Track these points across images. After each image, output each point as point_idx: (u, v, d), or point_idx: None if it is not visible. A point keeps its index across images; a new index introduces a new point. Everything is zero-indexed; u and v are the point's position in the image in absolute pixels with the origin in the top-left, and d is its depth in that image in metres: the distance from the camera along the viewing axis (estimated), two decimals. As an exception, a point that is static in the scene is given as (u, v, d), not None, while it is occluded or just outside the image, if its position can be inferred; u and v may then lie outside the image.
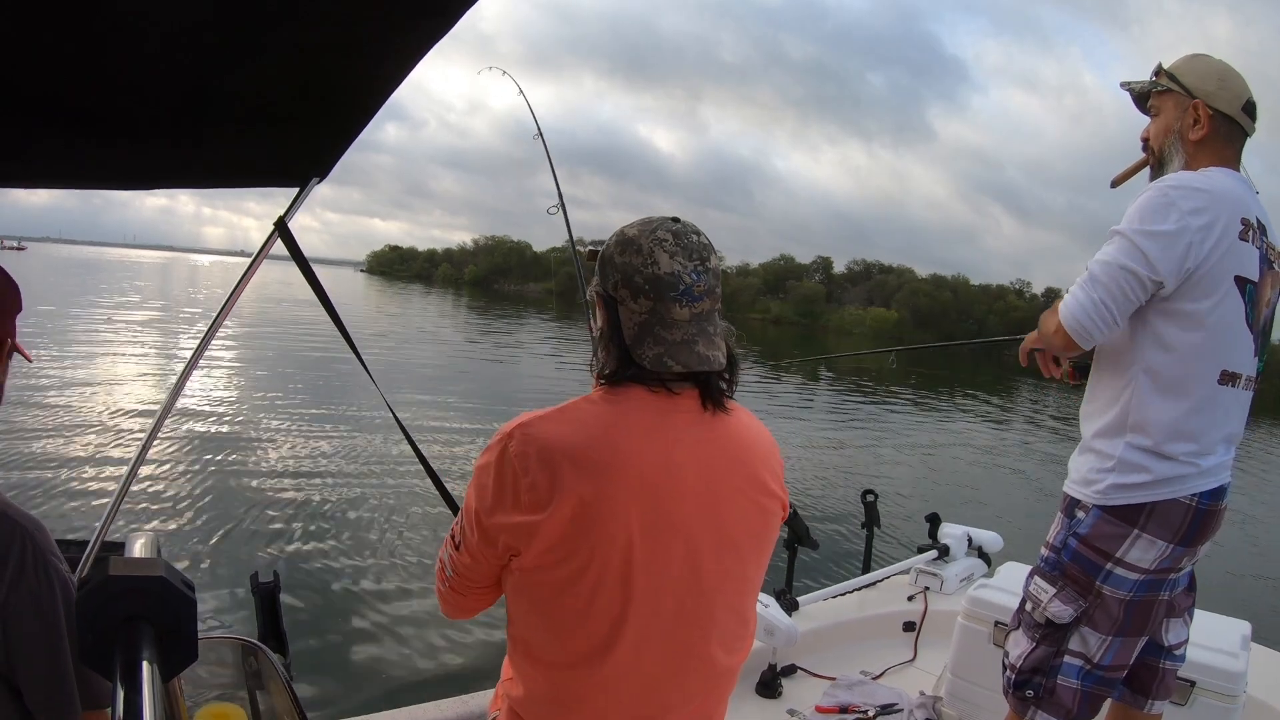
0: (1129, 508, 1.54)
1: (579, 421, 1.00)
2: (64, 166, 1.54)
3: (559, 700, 1.04)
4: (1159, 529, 1.52)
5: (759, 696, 2.58)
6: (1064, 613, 1.60)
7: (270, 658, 1.37)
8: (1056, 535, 1.66)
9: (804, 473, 10.64)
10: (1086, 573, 1.58)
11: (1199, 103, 1.59)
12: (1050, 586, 1.63)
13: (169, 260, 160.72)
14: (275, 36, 1.05)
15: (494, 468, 1.00)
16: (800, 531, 3.03)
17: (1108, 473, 1.57)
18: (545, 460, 0.97)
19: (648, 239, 1.01)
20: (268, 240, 1.84)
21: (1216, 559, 8.20)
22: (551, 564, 0.98)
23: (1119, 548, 1.54)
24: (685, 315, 1.00)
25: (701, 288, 1.01)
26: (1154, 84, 1.67)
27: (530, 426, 1.00)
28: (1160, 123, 1.66)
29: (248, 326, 22.60)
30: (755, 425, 1.13)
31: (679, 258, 1.00)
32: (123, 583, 0.47)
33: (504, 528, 0.99)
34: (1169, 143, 1.64)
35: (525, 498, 0.97)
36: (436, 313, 47.80)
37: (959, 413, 20.70)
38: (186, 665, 0.49)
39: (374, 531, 6.74)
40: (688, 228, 1.04)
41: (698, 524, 1.01)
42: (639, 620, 0.99)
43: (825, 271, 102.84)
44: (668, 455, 1.00)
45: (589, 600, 0.98)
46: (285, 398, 12.76)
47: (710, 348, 1.02)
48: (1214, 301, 1.50)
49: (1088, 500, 1.60)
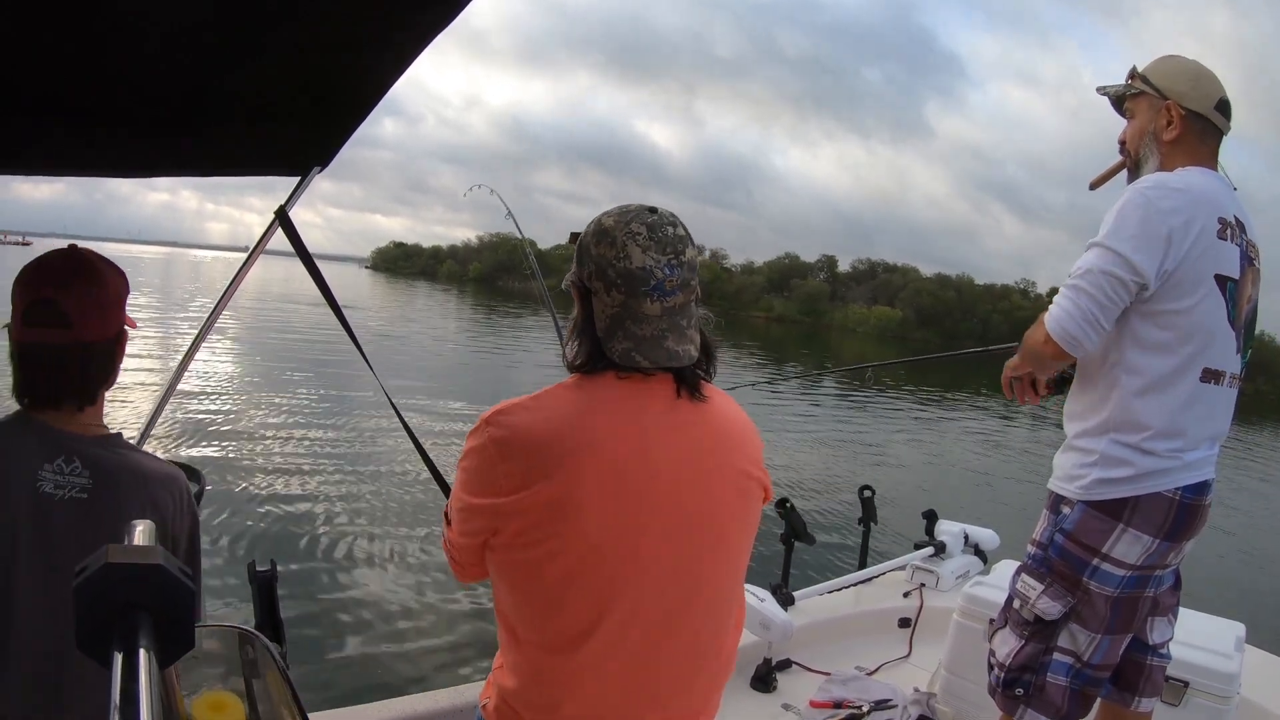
0: (1113, 502, 1.55)
1: (552, 408, 1.02)
2: (66, 156, 1.55)
3: (545, 683, 1.04)
4: (1143, 523, 1.53)
5: (754, 691, 2.59)
6: (1052, 609, 1.61)
7: (267, 646, 1.37)
8: (1043, 532, 1.68)
9: (801, 467, 10.66)
10: (1074, 569, 1.59)
11: (1171, 103, 1.61)
12: (1038, 583, 1.64)
13: (170, 255, 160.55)
14: (275, 31, 1.05)
15: (475, 453, 1.03)
16: (797, 526, 3.03)
17: (1091, 467, 1.58)
18: (519, 447, 0.99)
19: (622, 231, 1.01)
20: (268, 229, 1.84)
21: (1212, 561, 8.23)
22: (524, 545, 1.00)
23: (1105, 543, 1.55)
24: (656, 310, 1.00)
25: (674, 282, 1.00)
26: (1128, 87, 1.69)
27: (505, 414, 1.02)
28: (1135, 125, 1.67)
29: (249, 320, 22.59)
30: (732, 409, 1.12)
31: (651, 252, 0.99)
32: (121, 570, 0.47)
33: (482, 509, 1.02)
34: (1144, 144, 1.65)
35: (502, 483, 0.99)
36: (439, 307, 47.80)
37: (958, 411, 20.72)
38: (184, 653, 0.49)
39: (372, 521, 6.75)
40: (664, 219, 1.02)
41: (674, 508, 1.01)
42: (622, 604, 1.00)
43: (830, 270, 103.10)
44: (641, 440, 1.00)
45: (565, 582, 0.99)
46: (284, 387, 12.77)
47: (680, 342, 1.01)
48: (1195, 300, 1.51)
49: (1072, 495, 1.61)
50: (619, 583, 1.00)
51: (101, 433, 1.21)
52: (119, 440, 1.22)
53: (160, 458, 1.28)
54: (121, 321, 1.24)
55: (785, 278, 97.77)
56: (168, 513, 1.20)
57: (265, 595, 1.81)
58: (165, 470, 1.24)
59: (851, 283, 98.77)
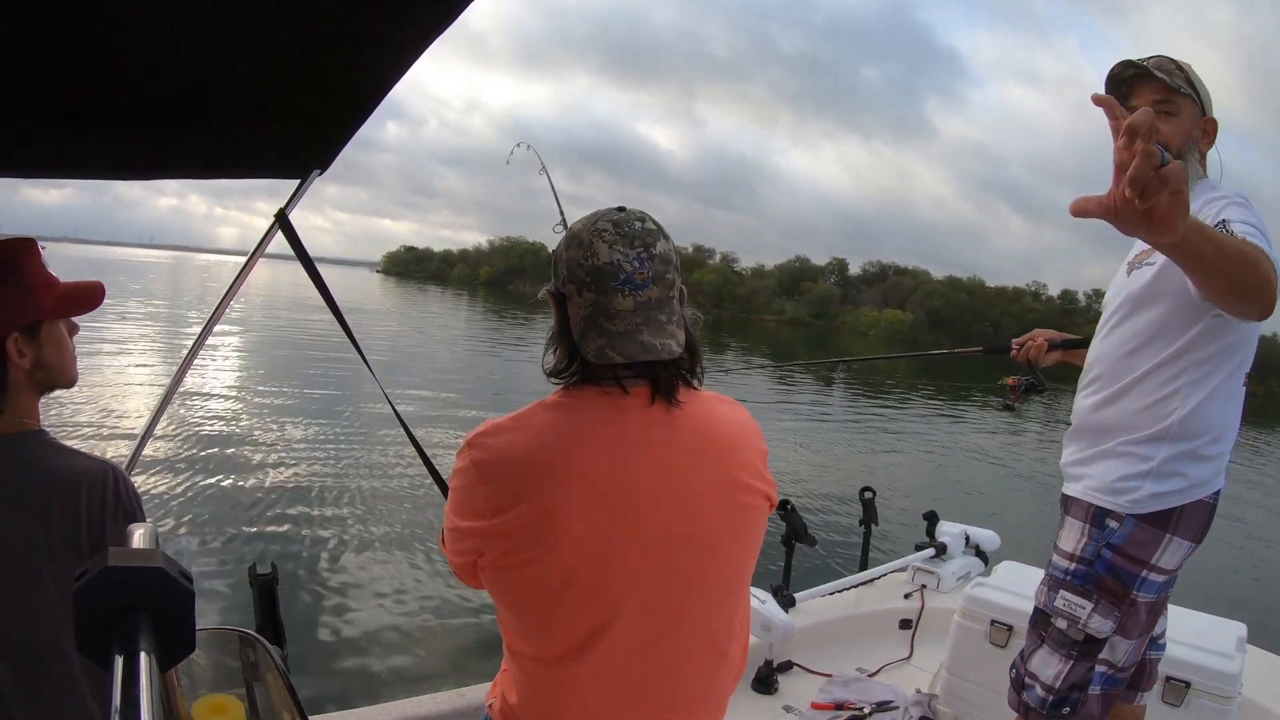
0: (1162, 513, 1.52)
1: (530, 430, 1.01)
2: (64, 158, 1.55)
3: (544, 695, 1.05)
4: (1186, 531, 1.52)
5: (755, 692, 2.58)
6: (1105, 627, 1.56)
7: (268, 649, 1.37)
8: (1084, 546, 1.59)
9: (803, 469, 10.66)
10: (1124, 584, 1.54)
11: (1210, 119, 1.59)
12: (1085, 601, 1.57)
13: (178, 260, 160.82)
14: (275, 31, 1.05)
15: (459, 474, 1.03)
16: (798, 528, 3.04)
17: (1143, 479, 1.52)
18: (497, 470, 0.99)
19: (589, 231, 1.00)
20: (269, 231, 1.84)
21: (1215, 561, 8.22)
22: (509, 566, 1.00)
23: (1153, 554, 1.52)
24: (629, 305, 0.98)
25: (645, 275, 0.98)
26: (1176, 84, 1.58)
27: (486, 436, 1.02)
28: (1179, 126, 1.58)
29: (251, 325, 22.61)
30: (725, 415, 1.09)
31: (618, 246, 0.98)
32: (121, 573, 0.47)
33: (468, 531, 1.02)
34: (1188, 149, 1.59)
35: (483, 505, 0.99)
36: (452, 311, 47.78)
37: (959, 411, 20.71)
38: (184, 656, 0.49)
39: (373, 525, 6.75)
40: (631, 215, 1.01)
41: (656, 523, 0.99)
42: (611, 622, 0.99)
43: (840, 273, 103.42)
44: (621, 460, 0.99)
45: (552, 601, 0.99)
46: (286, 392, 12.77)
47: (658, 335, 0.98)
48: None
49: (1121, 509, 1.55)
50: (605, 601, 0.99)
51: (13, 430, 1.16)
52: (36, 438, 1.17)
53: (85, 453, 1.20)
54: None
55: (796, 281, 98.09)
56: (88, 510, 1.13)
57: (266, 598, 1.81)
58: (80, 467, 1.16)
59: (862, 285, 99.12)
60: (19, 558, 1.09)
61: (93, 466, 1.16)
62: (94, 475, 1.15)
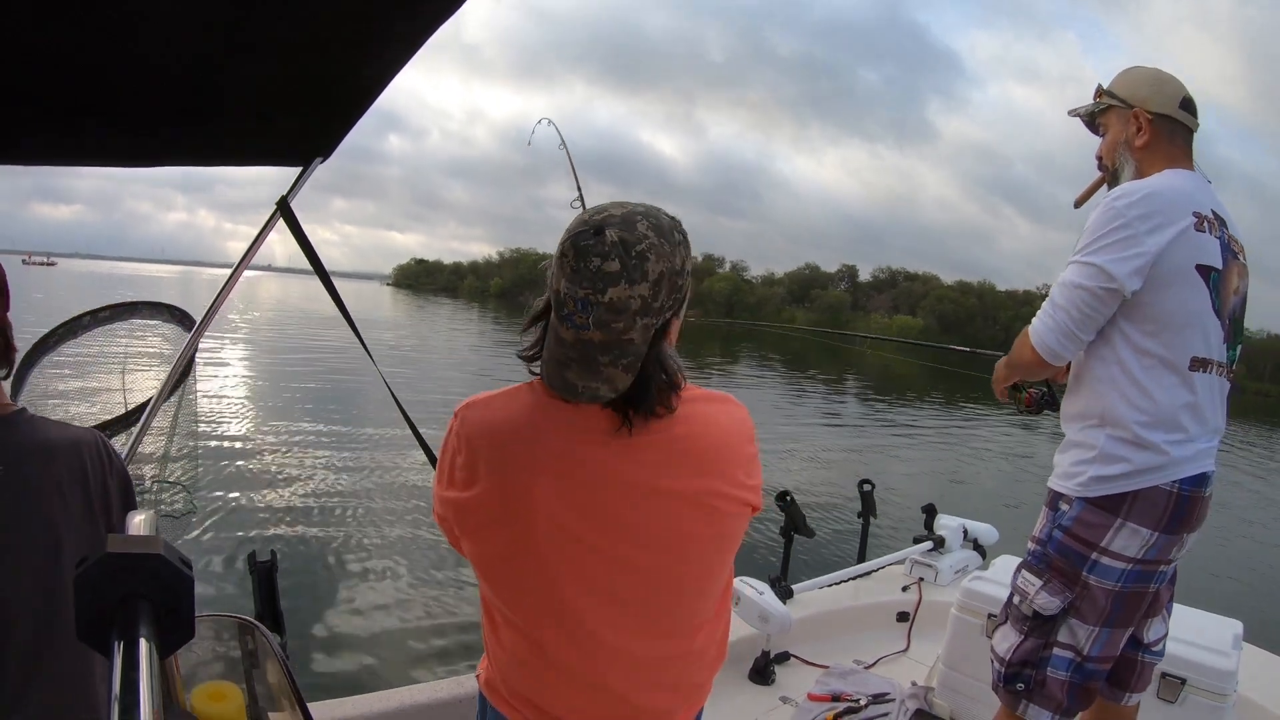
0: (1111, 498, 1.58)
1: (510, 409, 1.01)
2: (67, 146, 1.55)
3: (525, 661, 1.06)
4: (1142, 517, 1.56)
5: (751, 683, 2.60)
6: (1051, 604, 1.63)
7: (267, 637, 1.37)
8: (1041, 529, 1.71)
9: (802, 462, 10.67)
10: (1072, 564, 1.62)
11: (1138, 110, 1.66)
12: (1036, 579, 1.67)
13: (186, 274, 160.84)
14: (279, 21, 1.04)
15: (445, 440, 1.05)
16: (796, 519, 3.04)
17: (1088, 464, 1.61)
18: (476, 443, 1.00)
19: (563, 244, 0.94)
20: (270, 219, 1.84)
21: (1210, 559, 8.24)
22: (481, 540, 1.02)
23: (1103, 537, 1.58)
24: (570, 337, 0.93)
25: (584, 319, 0.91)
26: (1096, 105, 1.76)
27: (471, 408, 1.03)
28: (1109, 138, 1.73)
29: (260, 325, 22.60)
30: (712, 417, 1.05)
31: (569, 280, 0.91)
32: (121, 560, 0.48)
33: (444, 500, 1.04)
34: (1119, 155, 1.71)
35: (458, 475, 1.01)
36: (464, 322, 47.64)
37: (959, 410, 20.72)
38: (183, 643, 0.49)
39: (372, 512, 6.77)
40: (596, 249, 0.90)
41: (618, 525, 0.98)
42: (570, 610, 1.00)
43: (850, 279, 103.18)
44: (589, 450, 0.98)
45: (519, 578, 1.01)
46: (290, 389, 12.79)
47: (585, 376, 0.93)
48: (1177, 289, 1.55)
49: (1070, 493, 1.64)
50: (566, 589, 0.99)
51: (8, 411, 1.20)
52: (21, 417, 1.21)
53: (68, 423, 1.27)
54: None
55: (806, 288, 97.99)
56: (93, 474, 1.21)
57: (265, 586, 1.82)
58: (73, 436, 1.23)
59: (873, 291, 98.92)
60: (43, 530, 1.14)
61: (84, 434, 1.25)
62: (89, 441, 1.24)
